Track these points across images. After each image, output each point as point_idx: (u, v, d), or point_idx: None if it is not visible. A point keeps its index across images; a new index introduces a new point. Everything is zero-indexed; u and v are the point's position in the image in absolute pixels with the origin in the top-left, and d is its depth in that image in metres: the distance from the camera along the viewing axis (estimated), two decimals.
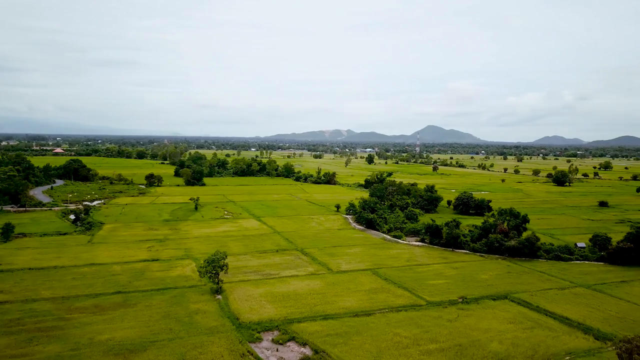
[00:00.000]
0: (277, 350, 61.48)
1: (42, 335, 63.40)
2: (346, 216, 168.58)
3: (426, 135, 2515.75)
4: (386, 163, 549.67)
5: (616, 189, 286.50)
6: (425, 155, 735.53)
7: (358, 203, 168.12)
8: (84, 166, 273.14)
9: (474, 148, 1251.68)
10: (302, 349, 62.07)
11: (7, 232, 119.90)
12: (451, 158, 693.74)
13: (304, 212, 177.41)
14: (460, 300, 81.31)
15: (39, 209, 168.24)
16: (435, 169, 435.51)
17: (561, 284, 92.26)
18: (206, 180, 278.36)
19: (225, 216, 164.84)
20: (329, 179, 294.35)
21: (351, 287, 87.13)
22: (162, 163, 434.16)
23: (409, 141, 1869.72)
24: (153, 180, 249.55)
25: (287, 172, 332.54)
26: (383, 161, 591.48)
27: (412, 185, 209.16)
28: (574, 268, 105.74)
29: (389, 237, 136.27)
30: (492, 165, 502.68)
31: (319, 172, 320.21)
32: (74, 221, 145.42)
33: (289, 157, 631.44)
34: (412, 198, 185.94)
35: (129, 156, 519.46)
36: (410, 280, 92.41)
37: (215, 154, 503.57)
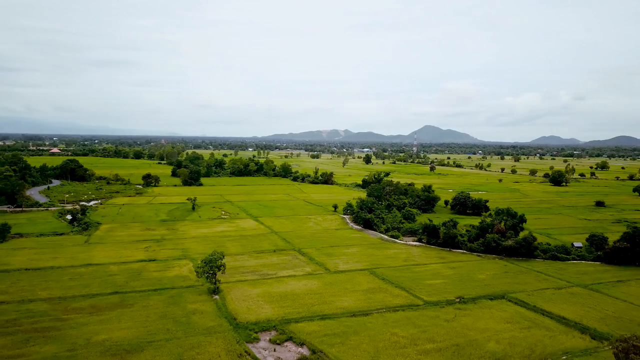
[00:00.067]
0: (274, 351, 61.43)
1: (39, 335, 63.19)
2: (344, 216, 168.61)
3: (423, 135, 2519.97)
4: (383, 163, 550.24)
5: (613, 188, 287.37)
6: (422, 155, 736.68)
7: (355, 203, 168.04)
8: (81, 166, 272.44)
9: (471, 148, 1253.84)
10: (300, 349, 62.04)
11: (4, 233, 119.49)
12: (448, 158, 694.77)
13: (301, 212, 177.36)
14: (458, 300, 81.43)
15: (35, 209, 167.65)
16: (432, 169, 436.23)
17: (558, 284, 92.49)
18: (203, 180, 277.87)
19: (223, 216, 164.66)
20: (326, 179, 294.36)
21: (349, 287, 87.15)
22: (159, 163, 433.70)
23: (406, 141, 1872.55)
24: (150, 181, 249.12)
25: (285, 172, 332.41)
26: (380, 161, 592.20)
27: (410, 185, 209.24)
28: (570, 268, 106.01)
29: (386, 237, 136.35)
30: (489, 165, 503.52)
31: (316, 172, 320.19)
32: (71, 221, 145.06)
33: (286, 157, 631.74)
34: (410, 198, 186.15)
35: (126, 156, 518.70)
36: (407, 280, 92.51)
37: (212, 154, 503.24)
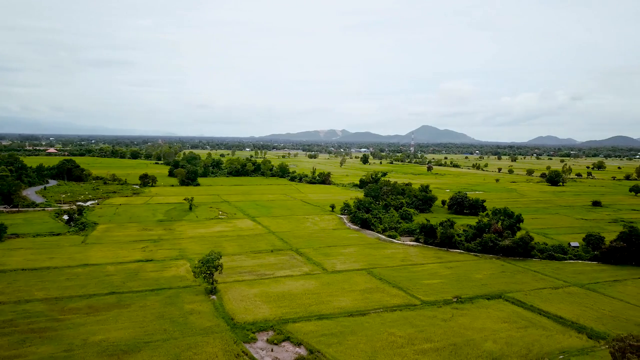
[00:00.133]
0: (271, 351, 61.39)
1: (35, 336, 62.98)
2: (341, 216, 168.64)
3: (420, 135, 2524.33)
4: (381, 163, 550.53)
5: (609, 188, 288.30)
6: (419, 155, 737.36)
7: (353, 203, 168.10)
8: (78, 166, 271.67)
9: (468, 148, 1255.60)
10: (297, 349, 62.03)
11: (0, 233, 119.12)
12: (445, 158, 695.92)
13: (298, 212, 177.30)
14: (455, 300, 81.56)
15: (32, 209, 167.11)
16: (429, 169, 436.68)
17: (555, 283, 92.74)
18: (200, 180, 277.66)
19: (220, 216, 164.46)
20: (323, 179, 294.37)
21: (346, 287, 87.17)
22: (156, 163, 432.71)
23: (403, 141, 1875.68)
24: (147, 181, 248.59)
25: (282, 172, 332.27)
26: (378, 161, 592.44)
27: (407, 185, 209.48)
28: (567, 267, 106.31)
29: (383, 236, 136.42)
30: (486, 165, 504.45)
31: (313, 172, 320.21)
32: (68, 221, 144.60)
33: (283, 157, 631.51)
34: (407, 198, 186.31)
35: (122, 156, 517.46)
36: (404, 279, 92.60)
37: (209, 154, 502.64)
